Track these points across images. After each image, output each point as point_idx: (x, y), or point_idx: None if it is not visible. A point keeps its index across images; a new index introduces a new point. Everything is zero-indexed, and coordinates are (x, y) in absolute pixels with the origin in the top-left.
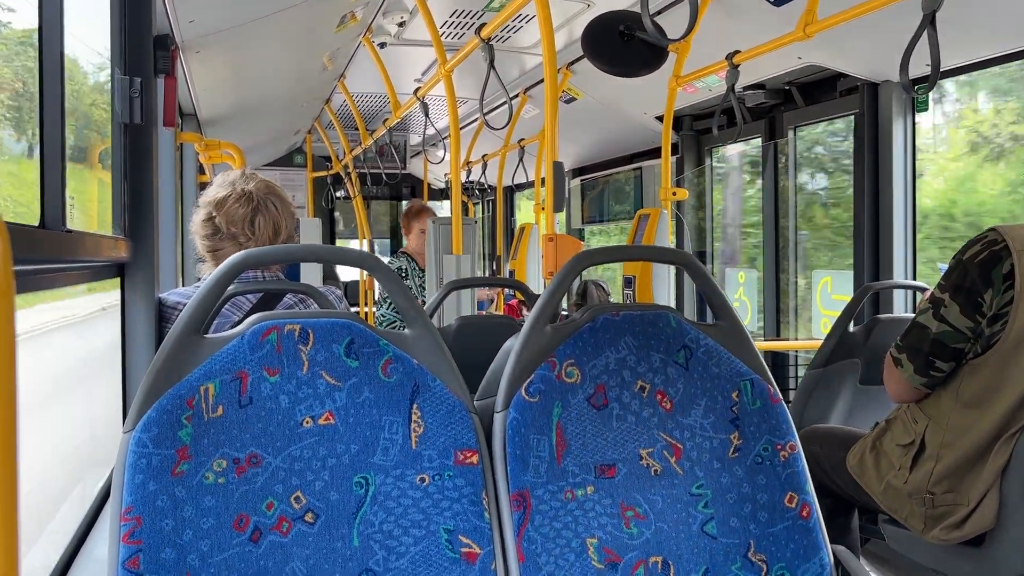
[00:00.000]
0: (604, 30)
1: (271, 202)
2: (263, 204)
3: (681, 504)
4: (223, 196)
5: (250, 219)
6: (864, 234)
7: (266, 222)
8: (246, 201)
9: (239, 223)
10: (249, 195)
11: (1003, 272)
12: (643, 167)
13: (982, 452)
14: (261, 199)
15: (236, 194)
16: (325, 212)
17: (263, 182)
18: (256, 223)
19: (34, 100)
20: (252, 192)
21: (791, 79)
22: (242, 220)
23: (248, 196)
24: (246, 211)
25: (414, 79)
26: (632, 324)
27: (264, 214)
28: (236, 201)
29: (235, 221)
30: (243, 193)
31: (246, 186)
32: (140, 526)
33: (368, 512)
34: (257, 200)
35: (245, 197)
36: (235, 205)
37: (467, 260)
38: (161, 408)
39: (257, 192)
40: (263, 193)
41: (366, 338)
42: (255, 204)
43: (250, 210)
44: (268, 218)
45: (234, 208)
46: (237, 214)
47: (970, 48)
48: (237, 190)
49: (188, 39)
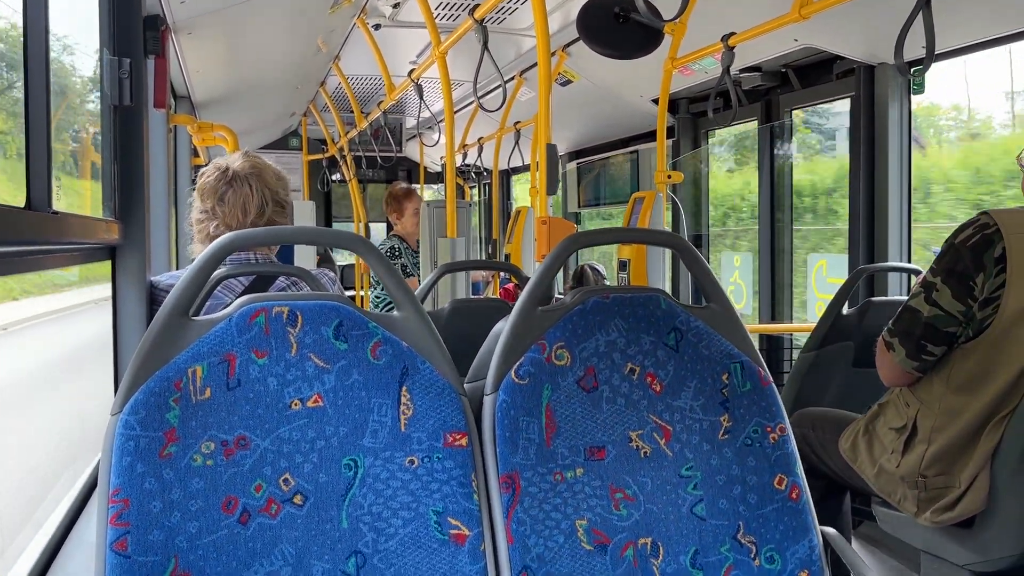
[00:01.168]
0: (599, 12)
1: (250, 181)
2: (237, 180)
3: (670, 486)
4: (213, 180)
5: (220, 194)
6: (860, 217)
7: (236, 199)
8: (221, 175)
9: (209, 195)
10: (226, 170)
11: (995, 256)
12: (639, 150)
13: (973, 435)
14: (237, 176)
15: (214, 167)
16: (321, 195)
17: (251, 160)
18: (226, 198)
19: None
20: (231, 168)
21: (787, 61)
22: (212, 193)
23: (224, 171)
24: (216, 184)
25: (409, 61)
26: (622, 307)
27: (236, 190)
28: (211, 175)
29: (205, 193)
30: (222, 169)
31: (231, 163)
32: (128, 508)
33: (357, 494)
34: (232, 176)
35: (221, 172)
36: (209, 178)
37: (461, 243)
38: (149, 391)
39: (237, 169)
40: (244, 171)
41: (355, 320)
42: (229, 179)
43: (222, 184)
44: (239, 195)
45: (208, 181)
46: (207, 185)
47: (965, 30)
48: (221, 165)
49: (179, 20)
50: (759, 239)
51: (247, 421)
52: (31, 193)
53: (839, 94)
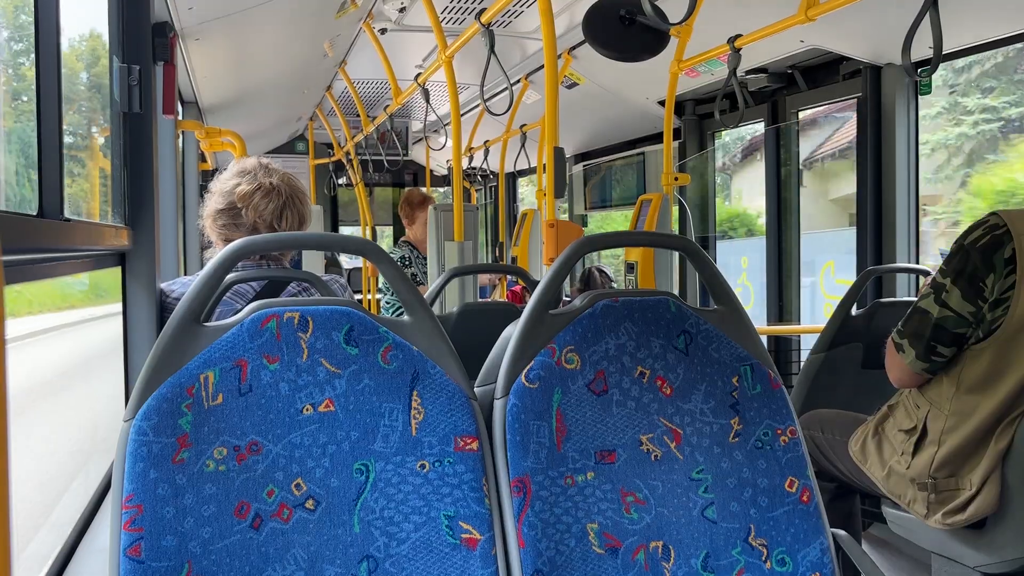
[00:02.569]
0: (605, 14)
1: (296, 196)
2: (291, 200)
3: (681, 489)
4: (249, 190)
5: (278, 214)
6: (867, 218)
7: (293, 217)
8: (276, 196)
9: (267, 218)
10: (278, 190)
11: (1005, 257)
12: (646, 152)
13: (983, 437)
14: (288, 194)
15: (264, 188)
16: (327, 199)
17: (285, 175)
18: (284, 217)
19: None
20: (279, 187)
21: (794, 63)
22: (271, 215)
23: (277, 191)
24: (276, 206)
25: (415, 65)
26: (631, 310)
27: (291, 209)
28: (265, 196)
29: (264, 216)
30: (271, 188)
31: (271, 179)
32: (141, 514)
33: (368, 499)
34: (286, 196)
35: (275, 192)
36: (263, 200)
37: (468, 246)
38: (161, 396)
39: (282, 186)
40: (288, 188)
41: (366, 325)
42: (284, 200)
43: (280, 205)
44: (295, 213)
45: (263, 203)
46: (267, 209)
47: (973, 30)
48: (265, 184)
49: (187, 26)
50: (766, 240)
51: (259, 426)
52: (43, 200)
53: (845, 95)
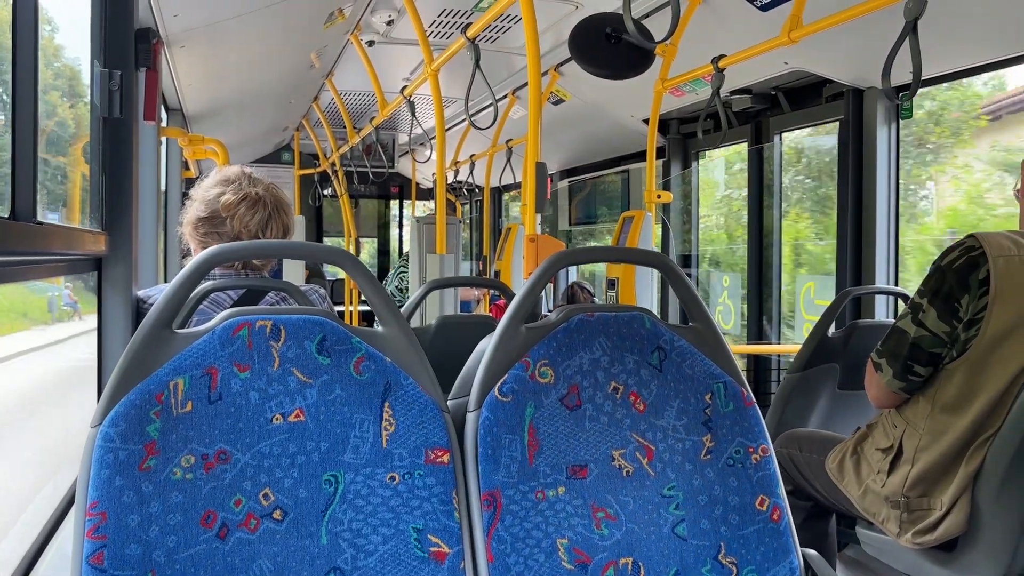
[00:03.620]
0: (591, 32)
1: (281, 208)
2: (276, 210)
3: (652, 505)
4: (234, 200)
5: (263, 225)
6: (847, 239)
7: (277, 228)
8: (262, 207)
9: (253, 228)
10: (263, 201)
11: (979, 278)
12: (630, 169)
13: (955, 457)
14: (273, 205)
15: (251, 199)
16: (312, 210)
17: (269, 185)
18: (269, 228)
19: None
20: (264, 197)
21: (777, 84)
22: (257, 226)
23: (263, 202)
24: (262, 217)
25: (402, 78)
26: (607, 325)
27: (276, 220)
28: (251, 207)
29: (249, 227)
30: (257, 198)
31: (256, 190)
32: (105, 521)
33: (337, 510)
34: (271, 207)
35: (261, 203)
36: (249, 211)
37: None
38: (129, 403)
39: (268, 197)
40: (273, 199)
41: (338, 335)
42: (270, 211)
43: (265, 216)
44: (279, 224)
45: (248, 214)
46: (253, 220)
47: (953, 57)
48: (251, 194)
49: (172, 33)
50: (747, 260)
51: (228, 435)
52: (16, 203)
53: (828, 117)
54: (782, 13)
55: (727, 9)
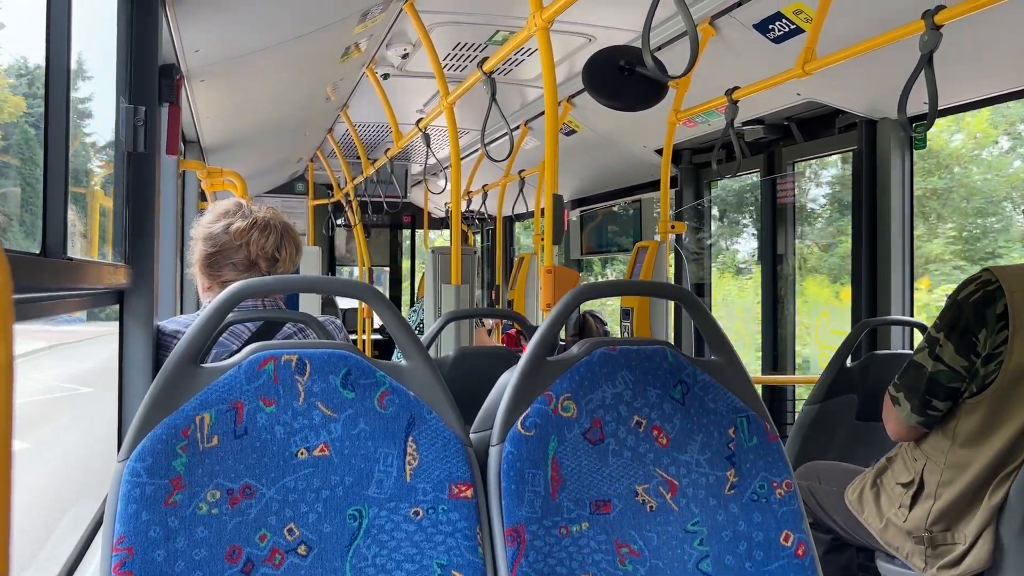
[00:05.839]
0: (605, 64)
1: (288, 228)
2: (285, 231)
3: (676, 541)
4: (244, 226)
5: (278, 245)
6: (862, 270)
7: (290, 247)
8: (273, 229)
9: (269, 250)
10: (272, 224)
11: (997, 312)
12: (642, 199)
13: (978, 491)
14: (282, 226)
15: (260, 223)
16: (325, 240)
17: (269, 209)
18: (284, 247)
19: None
20: (272, 220)
21: (790, 115)
22: (272, 247)
23: (272, 225)
24: (275, 238)
25: (416, 110)
26: (629, 359)
27: (287, 240)
28: (263, 231)
29: (265, 249)
30: (266, 222)
31: (260, 215)
32: (132, 556)
33: (361, 545)
34: (280, 228)
35: (270, 226)
36: (262, 235)
37: (465, 290)
38: (156, 438)
39: (274, 220)
40: (279, 221)
41: (363, 369)
42: (280, 232)
43: (278, 237)
44: (291, 243)
45: (261, 237)
46: (268, 242)
47: (969, 87)
48: (260, 219)
49: (193, 68)
50: (761, 290)
51: (253, 470)
52: (47, 240)
53: (841, 147)
54: (795, 45)
55: (740, 42)
